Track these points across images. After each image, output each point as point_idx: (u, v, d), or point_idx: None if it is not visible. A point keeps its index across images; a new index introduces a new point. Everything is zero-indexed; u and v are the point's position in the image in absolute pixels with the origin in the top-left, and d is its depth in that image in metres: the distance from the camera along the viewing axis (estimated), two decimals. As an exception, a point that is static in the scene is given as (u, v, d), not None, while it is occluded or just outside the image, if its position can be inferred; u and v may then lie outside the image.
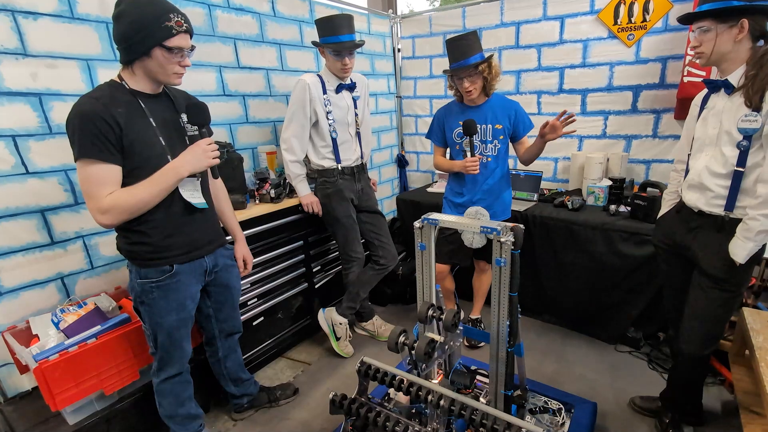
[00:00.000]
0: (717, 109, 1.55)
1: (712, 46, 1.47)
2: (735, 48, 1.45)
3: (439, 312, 1.49)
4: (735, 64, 1.48)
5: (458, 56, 2.12)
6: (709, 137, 1.57)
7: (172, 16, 1.35)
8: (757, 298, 2.11)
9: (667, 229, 1.78)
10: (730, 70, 1.50)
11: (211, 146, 1.51)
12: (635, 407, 2.06)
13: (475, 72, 2.13)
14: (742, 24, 1.40)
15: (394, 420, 1.29)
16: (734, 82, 1.48)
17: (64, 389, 1.56)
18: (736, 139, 1.47)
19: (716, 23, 1.44)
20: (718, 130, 1.53)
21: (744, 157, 1.46)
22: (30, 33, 1.70)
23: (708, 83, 1.60)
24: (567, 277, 2.63)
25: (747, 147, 1.45)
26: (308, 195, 2.43)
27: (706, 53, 1.50)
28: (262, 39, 2.63)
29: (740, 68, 1.47)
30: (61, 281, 1.89)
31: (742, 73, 1.47)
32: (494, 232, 1.31)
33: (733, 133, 1.47)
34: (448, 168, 2.36)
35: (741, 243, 1.47)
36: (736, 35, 1.42)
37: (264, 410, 2.17)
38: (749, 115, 1.42)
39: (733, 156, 1.49)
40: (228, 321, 1.90)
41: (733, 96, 1.49)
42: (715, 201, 1.56)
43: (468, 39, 2.12)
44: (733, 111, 1.48)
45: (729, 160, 1.50)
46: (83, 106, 1.33)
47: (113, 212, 1.36)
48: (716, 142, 1.54)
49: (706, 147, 1.58)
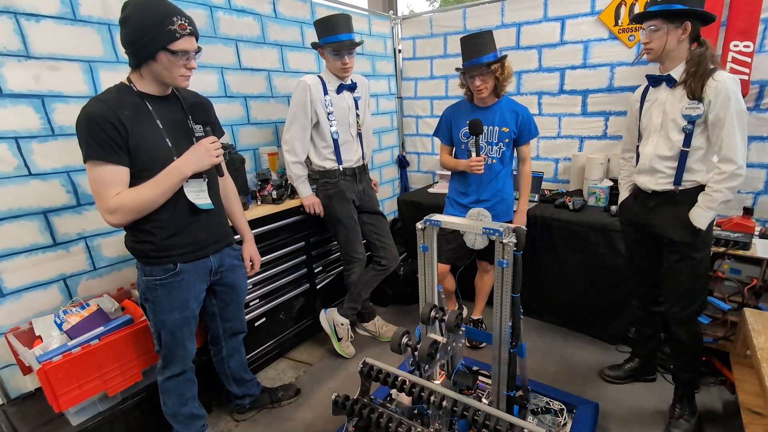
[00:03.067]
0: (659, 101, 1.79)
1: (662, 43, 1.68)
2: (678, 47, 1.69)
3: (442, 313, 1.49)
4: (675, 61, 1.72)
5: (472, 54, 2.12)
6: (653, 125, 1.82)
7: (176, 20, 1.35)
8: (759, 298, 2.11)
9: (630, 214, 2.01)
10: (671, 66, 1.74)
11: (214, 145, 1.52)
12: (606, 377, 2.28)
13: (488, 71, 2.12)
14: (686, 26, 1.64)
15: (396, 421, 1.30)
16: (676, 77, 1.72)
17: (67, 390, 1.56)
18: (680, 125, 1.72)
19: (665, 23, 1.65)
20: (662, 119, 1.77)
21: (689, 139, 1.71)
22: (32, 35, 1.70)
23: (651, 78, 1.83)
24: (568, 277, 2.63)
25: (691, 130, 1.70)
26: (310, 196, 2.43)
27: (655, 50, 1.71)
28: (264, 40, 2.64)
29: (680, 65, 1.71)
30: (64, 282, 1.90)
31: (683, 70, 1.70)
32: (496, 233, 1.31)
33: (678, 120, 1.72)
34: (453, 166, 2.36)
35: (703, 212, 1.71)
36: (680, 35, 1.66)
37: (266, 411, 2.17)
38: (692, 103, 1.67)
39: (679, 140, 1.73)
40: (233, 321, 1.90)
41: (675, 89, 1.73)
42: (664, 180, 1.80)
43: (483, 37, 2.12)
44: (676, 102, 1.72)
45: (675, 144, 1.74)
46: (90, 108, 1.35)
47: (120, 212, 1.38)
48: (660, 129, 1.79)
49: (652, 134, 1.83)
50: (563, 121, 3.06)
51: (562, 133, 3.09)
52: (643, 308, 2.12)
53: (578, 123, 3.00)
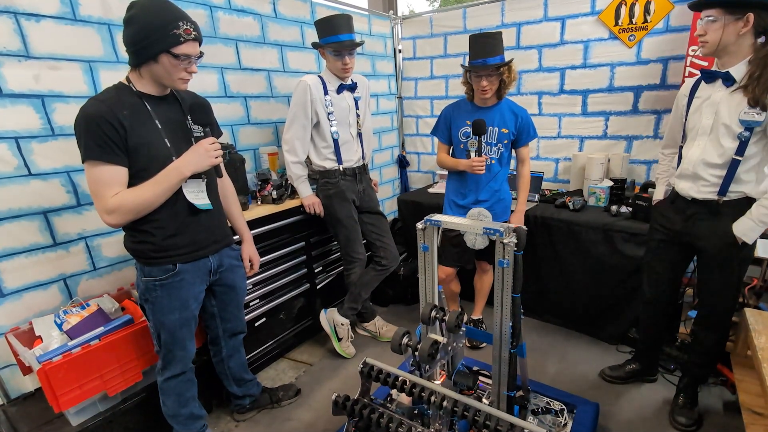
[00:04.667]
0: (712, 100, 1.59)
1: (718, 36, 1.49)
2: (738, 41, 1.48)
3: (442, 313, 1.49)
4: (736, 57, 1.52)
5: (481, 54, 2.11)
6: (702, 127, 1.62)
7: (181, 24, 1.36)
8: (759, 298, 2.11)
9: (665, 220, 1.85)
10: (730, 63, 1.53)
11: (213, 146, 1.52)
12: (606, 378, 2.24)
13: (496, 73, 2.12)
14: (748, 18, 1.43)
15: (396, 421, 1.29)
16: (736, 77, 1.52)
17: (67, 390, 1.56)
18: (735, 131, 1.52)
19: (724, 14, 1.46)
20: (713, 121, 1.58)
21: (743, 147, 1.52)
22: (32, 35, 1.70)
23: (705, 73, 1.63)
24: (568, 277, 2.63)
25: (747, 138, 1.51)
26: (310, 196, 2.43)
27: (710, 43, 1.52)
28: (264, 40, 2.64)
29: (741, 62, 1.51)
30: (64, 282, 1.89)
31: (744, 70, 1.50)
32: (497, 233, 1.31)
33: (733, 126, 1.52)
34: (453, 166, 2.35)
35: (754, 225, 1.54)
36: (741, 28, 1.45)
37: (266, 411, 2.17)
38: (752, 108, 1.47)
39: (731, 147, 1.54)
40: (232, 321, 1.90)
41: (734, 91, 1.53)
42: (707, 189, 1.63)
43: (494, 38, 2.11)
44: (734, 105, 1.52)
45: (727, 151, 1.56)
46: (89, 108, 1.34)
47: (119, 212, 1.38)
48: (710, 133, 1.60)
49: (699, 136, 1.63)
50: (563, 121, 3.06)
51: (563, 133, 3.08)
52: (650, 316, 2.07)
53: (578, 123, 3.00)
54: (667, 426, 1.96)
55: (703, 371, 1.93)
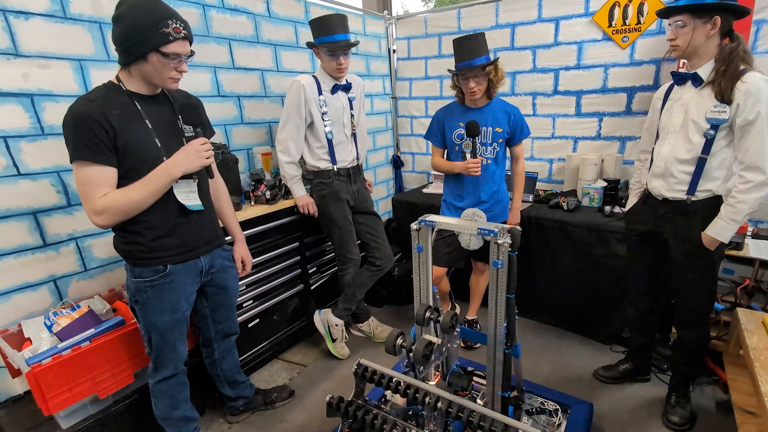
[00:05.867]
0: (683, 100, 1.68)
1: (688, 39, 1.57)
2: (706, 43, 1.57)
3: (437, 314, 1.48)
4: (704, 59, 1.61)
5: (466, 56, 2.12)
6: (673, 125, 1.70)
7: (171, 23, 1.34)
8: (751, 298, 2.13)
9: (638, 220, 1.93)
10: (698, 64, 1.62)
11: (204, 146, 1.50)
12: (600, 378, 2.27)
13: (482, 73, 2.12)
14: (715, 20, 1.52)
15: (391, 422, 1.29)
16: (703, 76, 1.61)
17: (57, 393, 1.54)
18: (703, 128, 1.60)
19: (692, 18, 1.54)
20: (683, 119, 1.66)
21: (709, 145, 1.60)
22: (22, 33, 1.68)
23: (676, 75, 1.72)
24: (562, 277, 2.64)
25: (713, 136, 1.59)
26: (304, 196, 2.42)
27: (681, 46, 1.60)
28: (257, 39, 2.62)
29: (708, 63, 1.60)
30: (54, 284, 1.87)
31: (711, 68, 1.59)
32: (491, 234, 1.31)
33: (701, 123, 1.61)
34: (448, 169, 2.35)
35: (726, 224, 1.59)
36: (709, 31, 1.54)
37: (259, 413, 2.15)
38: (718, 106, 1.56)
39: (699, 143, 1.62)
40: (225, 322, 1.89)
41: (702, 89, 1.62)
42: (678, 186, 1.70)
43: (477, 39, 2.12)
44: (702, 102, 1.61)
45: (695, 147, 1.63)
46: (77, 108, 1.32)
47: (108, 213, 1.36)
48: (680, 130, 1.68)
49: (670, 135, 1.72)
50: (557, 121, 3.07)
51: (557, 134, 3.10)
52: (640, 317, 2.10)
53: (572, 124, 3.01)
54: (660, 425, 1.97)
55: (690, 369, 1.96)
